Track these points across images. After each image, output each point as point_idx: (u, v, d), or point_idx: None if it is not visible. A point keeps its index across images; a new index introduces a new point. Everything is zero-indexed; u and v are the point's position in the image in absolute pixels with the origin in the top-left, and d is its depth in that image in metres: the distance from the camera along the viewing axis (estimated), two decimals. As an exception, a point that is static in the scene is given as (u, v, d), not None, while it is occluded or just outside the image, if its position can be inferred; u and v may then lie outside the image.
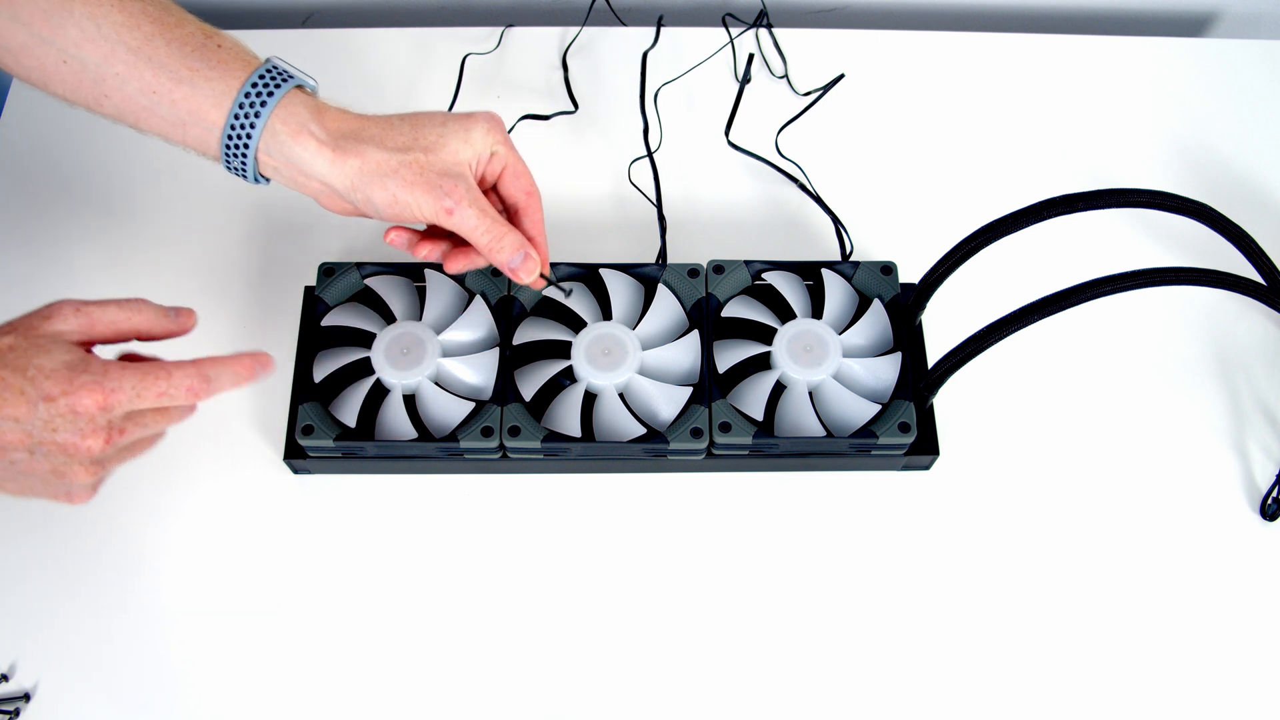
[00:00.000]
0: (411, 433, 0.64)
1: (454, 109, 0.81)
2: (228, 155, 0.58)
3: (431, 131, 0.58)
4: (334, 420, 0.65)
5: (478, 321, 0.67)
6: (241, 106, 0.56)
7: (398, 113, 0.60)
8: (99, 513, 0.67)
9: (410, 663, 0.64)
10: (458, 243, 0.62)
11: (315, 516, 0.68)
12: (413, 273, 0.69)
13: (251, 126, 0.56)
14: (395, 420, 0.65)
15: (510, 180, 0.61)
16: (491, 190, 0.62)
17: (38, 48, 0.56)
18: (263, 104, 0.56)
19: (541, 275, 0.62)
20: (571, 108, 0.81)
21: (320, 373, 0.66)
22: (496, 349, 0.67)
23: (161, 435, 0.56)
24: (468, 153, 0.59)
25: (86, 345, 0.52)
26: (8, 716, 0.62)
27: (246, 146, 0.57)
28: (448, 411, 0.65)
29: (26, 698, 0.62)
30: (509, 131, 0.73)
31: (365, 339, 0.67)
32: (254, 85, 0.56)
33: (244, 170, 0.58)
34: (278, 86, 0.57)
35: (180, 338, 0.55)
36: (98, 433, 0.51)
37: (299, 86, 0.58)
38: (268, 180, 0.60)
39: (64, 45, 0.55)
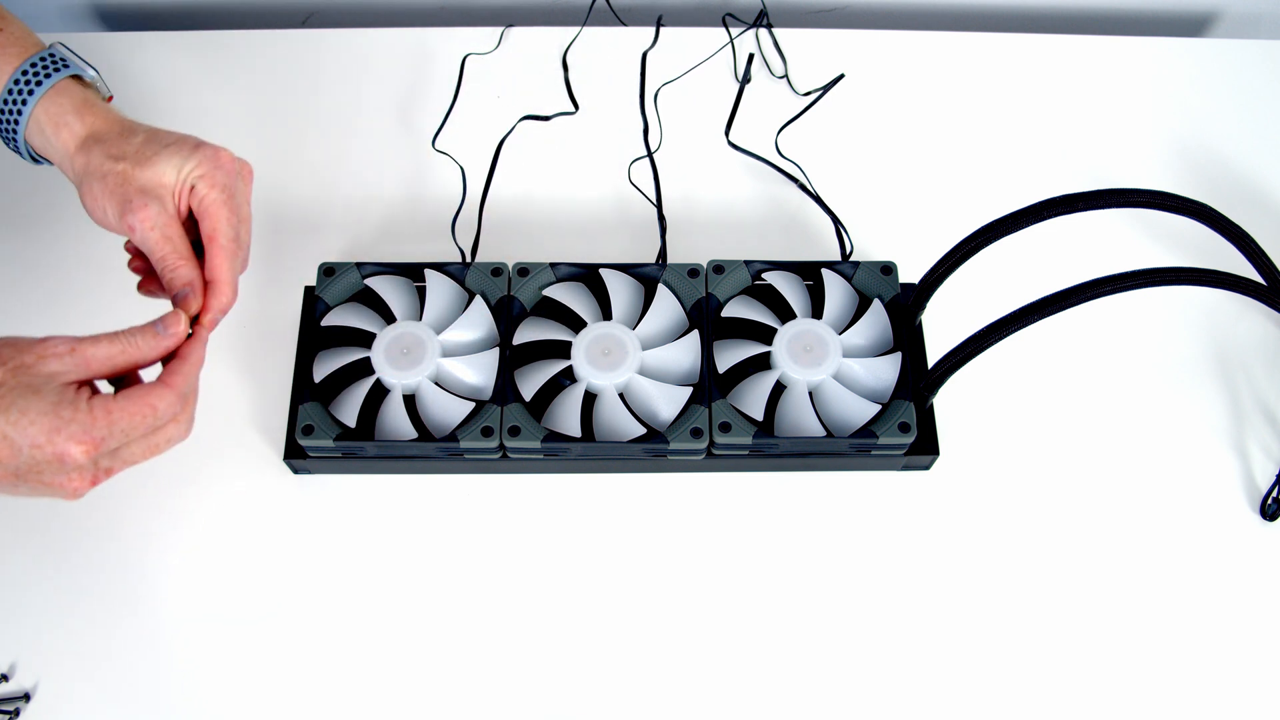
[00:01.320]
0: (412, 433, 0.64)
1: (453, 110, 0.81)
2: (3, 136, 0.59)
3: (153, 147, 0.57)
4: (334, 420, 0.65)
5: (477, 321, 0.67)
6: (10, 93, 0.57)
7: (165, 127, 0.59)
8: (99, 512, 0.67)
9: (410, 663, 0.64)
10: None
11: (315, 516, 0.68)
12: (413, 273, 0.69)
13: (17, 115, 0.57)
14: (395, 420, 0.65)
15: (201, 219, 0.58)
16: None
17: None
18: (29, 93, 0.57)
19: (198, 320, 0.56)
20: (572, 108, 0.81)
21: (320, 373, 0.66)
22: (496, 349, 0.67)
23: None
24: (171, 176, 0.57)
25: (80, 385, 0.51)
26: (8, 716, 0.62)
27: (15, 131, 0.58)
28: (448, 411, 0.65)
29: (26, 698, 0.62)
30: (505, 134, 0.73)
31: (365, 339, 0.67)
32: (24, 73, 0.57)
33: (19, 152, 0.59)
34: (48, 75, 0.57)
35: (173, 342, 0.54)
36: (83, 475, 0.50)
37: (75, 76, 0.58)
38: (50, 162, 0.60)
39: None
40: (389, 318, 0.68)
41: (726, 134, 0.79)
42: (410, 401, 0.66)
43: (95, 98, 0.59)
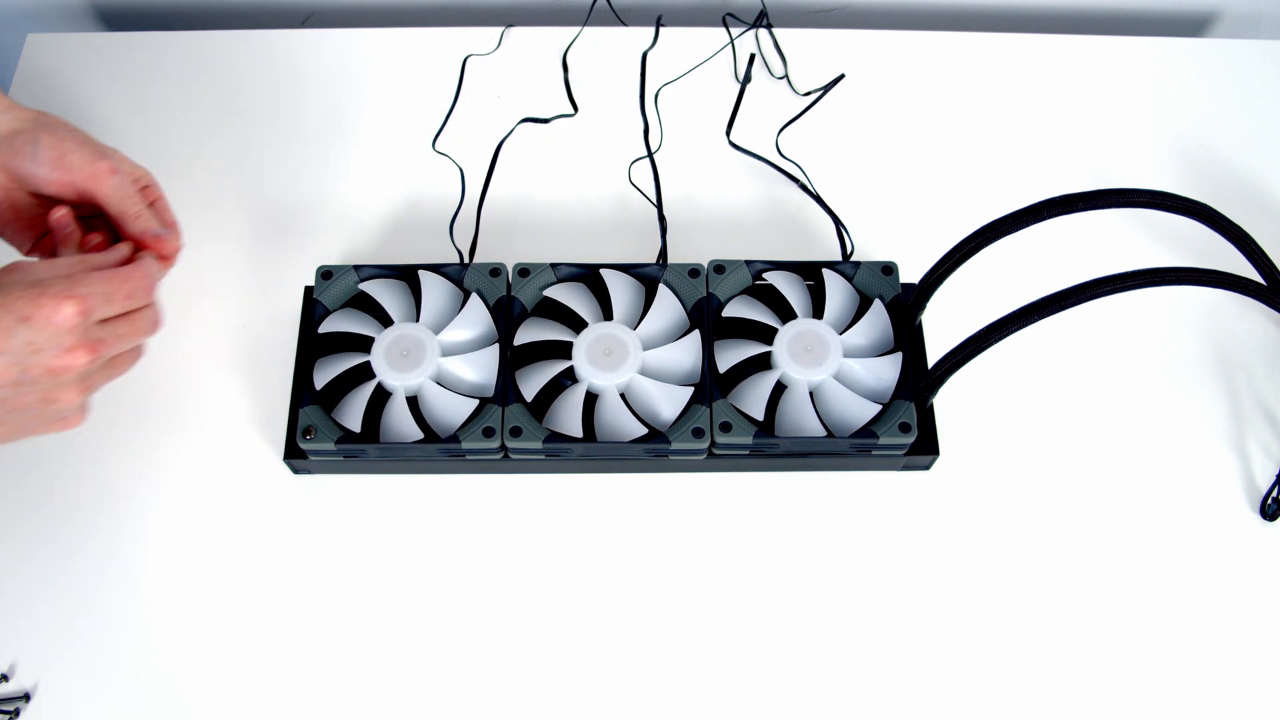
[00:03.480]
0: (417, 434, 0.64)
1: (454, 110, 0.81)
2: None
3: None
4: (335, 423, 0.65)
5: (475, 319, 0.67)
6: None
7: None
8: (99, 511, 0.67)
9: (411, 663, 0.64)
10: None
11: (315, 516, 0.68)
12: (409, 275, 0.69)
13: None
14: (400, 422, 0.64)
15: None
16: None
17: None
18: None
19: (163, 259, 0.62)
20: (571, 110, 0.81)
21: (321, 379, 0.66)
22: (496, 346, 0.67)
23: (140, 353, 0.57)
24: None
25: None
26: (8, 716, 0.62)
27: None
28: (451, 411, 0.65)
29: (26, 698, 0.62)
30: (504, 137, 0.73)
31: (363, 343, 0.67)
32: None
33: None
34: None
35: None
36: (80, 346, 0.52)
37: None
38: None
39: None
40: (385, 320, 0.68)
41: (727, 134, 0.79)
42: (413, 403, 0.66)
43: None
